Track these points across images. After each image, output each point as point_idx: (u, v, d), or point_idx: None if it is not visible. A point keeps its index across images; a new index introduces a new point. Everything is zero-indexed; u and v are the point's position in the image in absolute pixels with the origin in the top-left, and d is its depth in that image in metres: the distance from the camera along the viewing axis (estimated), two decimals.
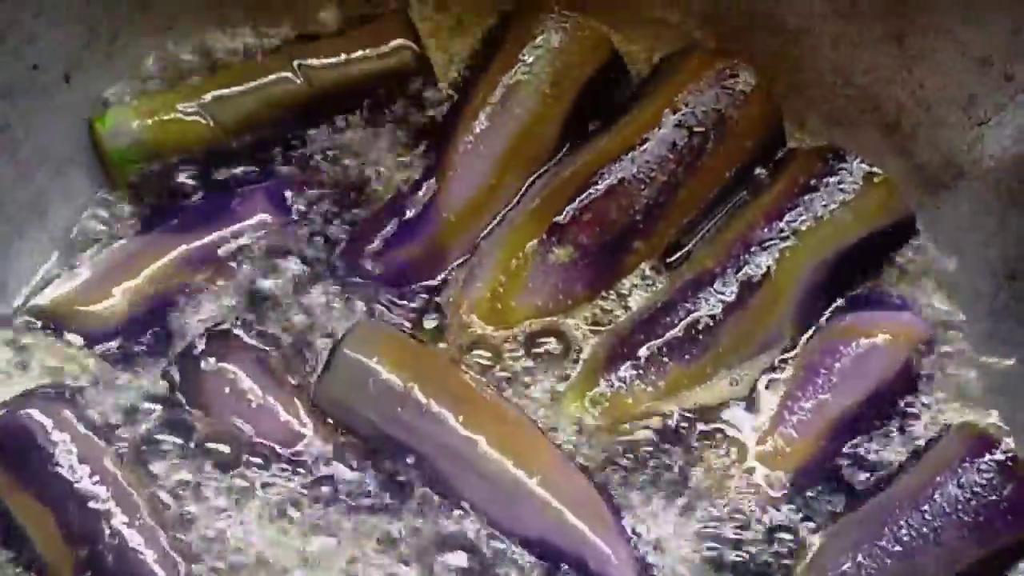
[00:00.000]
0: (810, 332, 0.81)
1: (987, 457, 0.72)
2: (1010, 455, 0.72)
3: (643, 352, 0.79)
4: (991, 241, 0.81)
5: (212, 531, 0.72)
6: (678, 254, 0.84)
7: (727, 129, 0.84)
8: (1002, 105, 0.80)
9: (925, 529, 0.70)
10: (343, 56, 0.87)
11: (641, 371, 0.78)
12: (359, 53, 0.87)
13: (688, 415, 0.78)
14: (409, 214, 0.83)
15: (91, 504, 0.70)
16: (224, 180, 0.84)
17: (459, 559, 0.71)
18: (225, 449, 0.74)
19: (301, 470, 0.74)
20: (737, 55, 0.85)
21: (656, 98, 0.85)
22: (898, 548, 0.70)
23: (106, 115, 0.83)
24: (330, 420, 0.75)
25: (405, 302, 0.82)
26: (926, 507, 0.71)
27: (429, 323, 0.81)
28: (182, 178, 0.84)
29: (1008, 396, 0.79)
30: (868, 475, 0.76)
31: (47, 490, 0.70)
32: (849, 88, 0.87)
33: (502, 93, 0.85)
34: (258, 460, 0.74)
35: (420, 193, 0.84)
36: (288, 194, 0.84)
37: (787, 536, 0.73)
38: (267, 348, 0.78)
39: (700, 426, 0.77)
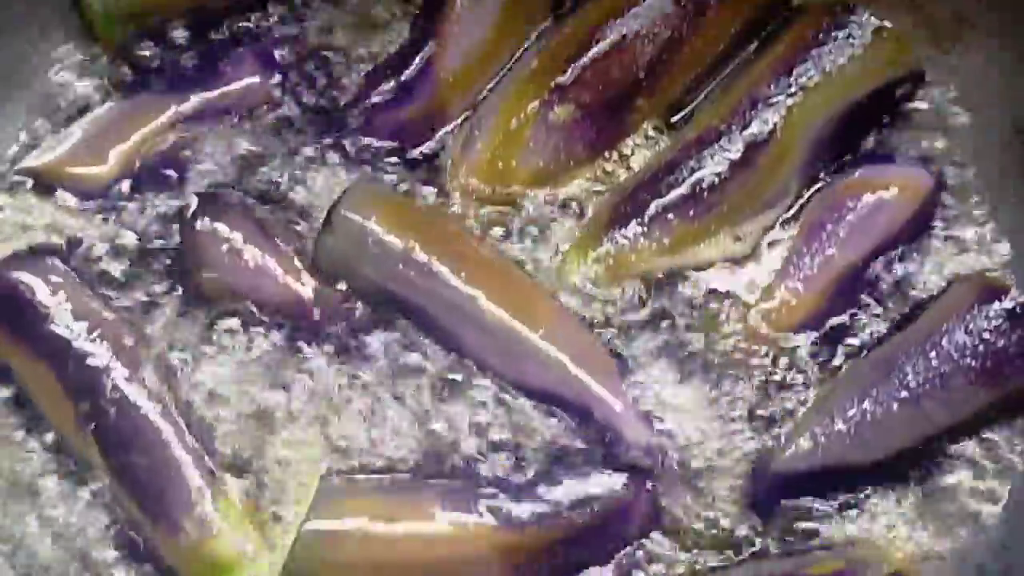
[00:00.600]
0: (816, 188, 0.79)
1: (996, 304, 0.71)
2: (1019, 303, 0.71)
3: (647, 211, 0.77)
4: (1002, 94, 0.80)
5: (210, 385, 0.72)
6: (682, 113, 0.83)
7: None
8: None
9: (932, 375, 0.70)
10: None
11: (645, 229, 0.77)
12: None
13: (692, 272, 0.77)
14: (407, 74, 0.81)
15: (90, 360, 0.69)
16: (213, 40, 0.82)
17: (458, 410, 0.71)
18: (222, 308, 0.73)
19: (299, 327, 0.73)
20: None
21: None
22: (904, 394, 0.70)
23: None
24: (329, 279, 0.74)
25: (403, 163, 0.80)
26: (933, 353, 0.71)
27: (428, 184, 0.79)
28: (169, 39, 0.81)
29: (1017, 249, 0.77)
30: (874, 327, 0.75)
31: (45, 348, 0.70)
32: None
33: None
34: (258, 318, 0.73)
35: (417, 51, 0.81)
36: (279, 54, 0.82)
37: (791, 386, 0.73)
38: (263, 208, 0.77)
39: (704, 283, 0.76)
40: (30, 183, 0.76)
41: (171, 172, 0.78)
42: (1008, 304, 0.71)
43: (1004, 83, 0.79)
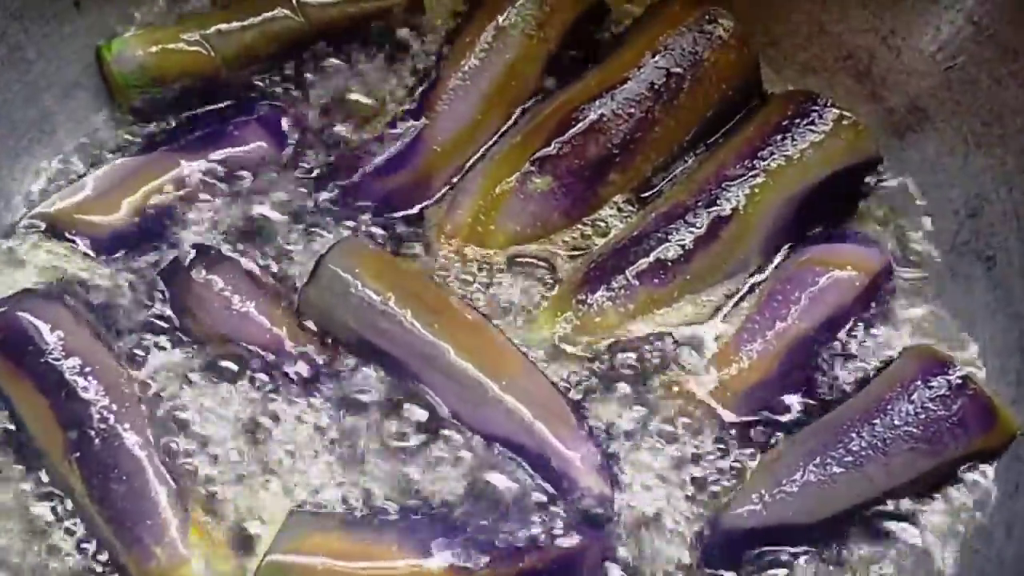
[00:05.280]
0: (775, 263, 0.84)
1: (940, 377, 0.75)
2: (961, 376, 0.75)
3: (615, 278, 0.82)
4: (954, 181, 0.84)
5: (192, 422, 0.76)
6: (653, 190, 0.88)
7: (704, 72, 0.87)
8: (969, 50, 0.83)
9: (876, 441, 0.73)
10: None
11: (612, 294, 0.82)
12: None
13: (654, 335, 0.81)
14: (399, 145, 0.88)
15: (81, 393, 0.74)
16: (222, 107, 0.89)
17: (422, 453, 0.75)
18: (210, 350, 0.78)
19: (281, 372, 0.78)
20: (718, 3, 0.89)
21: (638, 41, 0.89)
22: (848, 458, 0.73)
23: (113, 42, 0.88)
24: (313, 328, 0.79)
25: (390, 224, 0.86)
26: (877, 421, 0.74)
27: (411, 245, 0.85)
28: (183, 104, 0.88)
29: (965, 326, 0.81)
30: (823, 394, 0.78)
31: (42, 379, 0.75)
32: (824, 37, 0.90)
33: (491, 34, 0.89)
34: (243, 362, 0.78)
35: (410, 125, 0.88)
36: (282, 122, 0.88)
37: (741, 448, 0.76)
38: (256, 262, 0.82)
39: (665, 346, 0.80)
40: (43, 227, 0.82)
41: (174, 224, 0.84)
42: (951, 377, 0.75)
43: (957, 169, 0.84)
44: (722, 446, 0.77)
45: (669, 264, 0.82)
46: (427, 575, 0.69)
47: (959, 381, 0.74)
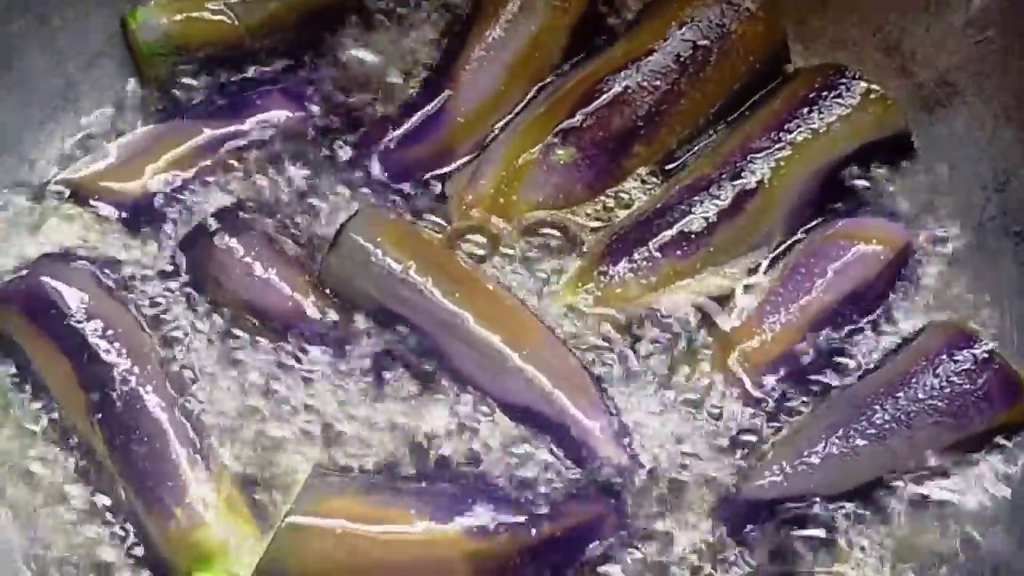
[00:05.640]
0: (798, 236, 0.83)
1: (965, 351, 0.74)
2: (987, 350, 0.74)
3: (637, 249, 0.81)
4: (983, 155, 0.83)
5: (214, 386, 0.76)
6: (677, 162, 0.87)
7: (731, 45, 0.86)
8: (999, 24, 0.82)
9: (900, 414, 0.72)
10: None
11: (634, 265, 0.81)
12: None
13: (676, 308, 0.80)
14: (422, 115, 0.87)
15: (103, 355, 0.75)
16: (246, 77, 0.89)
17: (443, 421, 0.75)
18: (232, 316, 0.79)
19: (303, 338, 0.78)
20: None
21: (664, 12, 0.88)
22: (871, 431, 0.72)
23: (137, 11, 0.88)
24: (334, 297, 0.79)
25: (412, 194, 0.85)
26: (901, 394, 0.73)
27: (433, 214, 0.85)
28: (207, 72, 0.88)
29: (991, 302, 0.80)
30: (845, 368, 0.78)
31: (65, 341, 0.75)
32: (853, 10, 0.89)
33: (516, 5, 0.89)
34: (265, 328, 0.78)
35: (433, 95, 0.88)
36: (305, 92, 0.88)
37: (763, 420, 0.76)
38: (277, 229, 0.82)
39: (687, 318, 0.80)
40: (67, 194, 0.83)
41: (197, 192, 0.84)
42: (976, 351, 0.74)
43: (985, 143, 0.83)
44: (743, 418, 0.76)
45: (692, 237, 0.82)
46: (444, 540, 0.69)
47: (985, 355, 0.73)
